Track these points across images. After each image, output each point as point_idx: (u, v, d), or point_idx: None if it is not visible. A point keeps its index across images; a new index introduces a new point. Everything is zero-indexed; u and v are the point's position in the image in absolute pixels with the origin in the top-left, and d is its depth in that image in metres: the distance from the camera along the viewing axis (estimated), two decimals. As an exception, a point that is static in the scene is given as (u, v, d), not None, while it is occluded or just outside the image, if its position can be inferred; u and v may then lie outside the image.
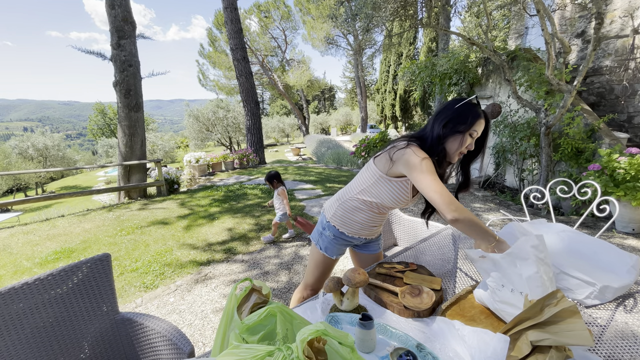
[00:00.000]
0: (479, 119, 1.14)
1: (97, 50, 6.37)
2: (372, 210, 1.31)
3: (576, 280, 1.03)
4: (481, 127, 1.16)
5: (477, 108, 1.15)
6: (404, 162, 1.12)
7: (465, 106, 1.15)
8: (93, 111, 40.33)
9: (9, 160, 16.62)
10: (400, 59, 25.02)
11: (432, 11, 5.87)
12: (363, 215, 1.33)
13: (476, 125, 1.14)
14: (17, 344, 1.07)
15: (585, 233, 1.37)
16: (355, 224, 1.35)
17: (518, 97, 4.77)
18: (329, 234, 1.38)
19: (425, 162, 1.09)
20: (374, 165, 1.26)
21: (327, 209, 1.43)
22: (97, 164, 21.01)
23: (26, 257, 3.51)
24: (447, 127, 1.15)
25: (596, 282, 0.99)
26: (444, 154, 1.18)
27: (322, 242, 1.41)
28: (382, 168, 1.22)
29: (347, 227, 1.36)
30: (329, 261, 1.43)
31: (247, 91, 10.51)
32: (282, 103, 40.26)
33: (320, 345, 0.59)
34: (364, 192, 1.29)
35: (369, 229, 1.38)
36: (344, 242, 1.40)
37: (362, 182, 1.30)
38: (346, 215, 1.34)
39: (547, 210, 4.35)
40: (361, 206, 1.31)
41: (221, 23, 18.29)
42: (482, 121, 1.15)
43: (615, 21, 4.81)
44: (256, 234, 3.92)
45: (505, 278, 0.92)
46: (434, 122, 1.18)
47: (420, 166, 1.08)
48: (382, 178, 1.23)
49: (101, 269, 1.26)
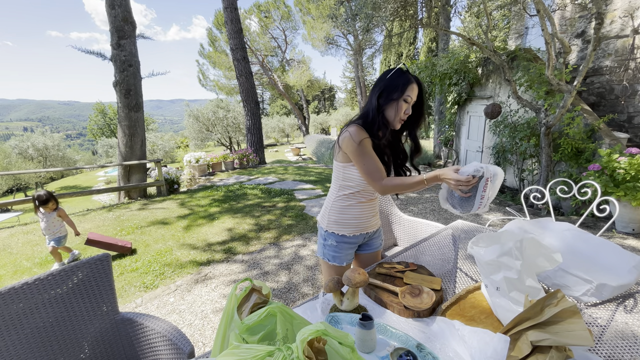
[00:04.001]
0: (410, 84, 1.19)
1: (97, 50, 6.37)
2: (360, 200, 1.35)
3: (574, 278, 1.03)
4: (414, 92, 1.21)
5: (407, 74, 1.20)
6: (345, 149, 1.23)
7: (396, 74, 1.20)
8: (93, 111, 40.31)
9: (9, 160, 16.61)
10: (400, 59, 25.04)
11: (432, 11, 5.87)
12: (355, 210, 1.35)
13: (408, 91, 1.19)
14: (17, 344, 1.07)
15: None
16: (352, 221, 1.36)
17: (518, 97, 4.77)
18: (332, 242, 1.39)
19: (360, 146, 1.18)
20: (336, 162, 1.34)
21: (321, 220, 1.44)
22: (97, 164, 21.00)
23: (26, 257, 3.51)
24: (382, 97, 1.22)
25: (593, 280, 1.00)
26: (385, 123, 1.24)
27: (328, 252, 1.41)
28: (341, 159, 1.30)
29: (347, 228, 1.37)
30: (341, 269, 1.43)
31: (247, 91, 10.51)
32: (282, 103, 40.25)
33: (320, 345, 0.59)
34: (343, 188, 1.34)
35: (367, 221, 1.40)
36: (348, 246, 1.41)
37: (336, 180, 1.36)
38: (340, 217, 1.36)
39: (547, 210, 4.35)
40: (348, 201, 1.35)
41: (221, 23, 18.29)
42: (414, 86, 1.20)
43: (615, 21, 4.81)
44: (256, 234, 3.92)
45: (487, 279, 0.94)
46: (371, 95, 1.25)
47: (356, 151, 1.19)
48: (345, 167, 1.29)
49: (101, 269, 1.26)
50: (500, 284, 0.91)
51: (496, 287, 0.93)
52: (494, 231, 1.54)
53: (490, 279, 0.95)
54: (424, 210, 4.72)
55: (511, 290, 0.89)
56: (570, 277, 1.04)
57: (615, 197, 3.25)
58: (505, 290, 0.90)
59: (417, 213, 4.61)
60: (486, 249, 0.94)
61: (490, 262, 0.92)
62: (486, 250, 0.94)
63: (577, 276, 1.03)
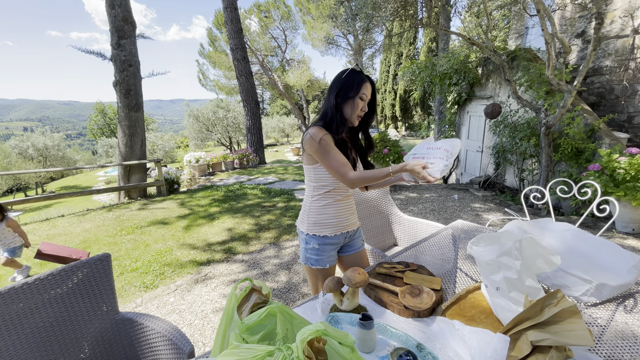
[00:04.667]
0: (364, 83, 1.27)
1: (97, 50, 6.37)
2: (336, 199, 1.38)
3: (574, 278, 1.03)
4: (368, 90, 1.28)
5: (360, 74, 1.28)
6: (309, 150, 1.28)
7: (351, 74, 1.28)
8: (93, 111, 40.29)
9: (9, 160, 16.60)
10: (400, 59, 25.02)
11: (432, 11, 5.86)
12: (332, 208, 1.38)
13: (363, 89, 1.27)
14: (17, 344, 1.07)
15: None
16: (331, 220, 1.38)
17: (518, 97, 4.77)
18: (314, 245, 1.39)
19: (321, 145, 1.23)
20: (305, 165, 1.38)
21: (300, 225, 1.45)
22: (97, 164, 20.99)
23: (26, 257, 3.51)
24: (339, 97, 1.28)
25: (592, 280, 1.00)
26: (343, 120, 1.30)
27: (310, 257, 1.41)
28: (308, 162, 1.35)
29: (327, 229, 1.38)
30: (325, 273, 1.42)
31: (247, 91, 10.51)
32: (282, 103, 40.23)
33: (320, 345, 0.59)
34: (317, 189, 1.37)
35: (346, 219, 1.41)
36: (330, 247, 1.41)
37: (309, 182, 1.40)
38: (319, 218, 1.38)
39: (547, 210, 4.35)
40: (325, 200, 1.37)
41: (221, 23, 18.28)
42: (367, 84, 1.28)
43: (616, 21, 4.81)
44: (256, 234, 3.92)
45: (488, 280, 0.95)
46: (328, 96, 1.31)
47: (318, 150, 1.24)
48: (315, 169, 1.34)
49: (101, 269, 1.26)
50: (500, 284, 0.91)
51: (496, 287, 0.93)
52: (493, 231, 1.54)
53: (490, 279, 0.95)
54: (424, 210, 4.72)
55: (511, 290, 0.89)
56: (570, 277, 1.04)
57: (615, 197, 3.25)
58: (505, 290, 0.90)
59: (417, 213, 4.61)
60: (486, 248, 0.94)
61: (490, 262, 0.92)
62: (485, 250, 0.94)
63: (577, 276, 1.03)
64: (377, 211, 2.31)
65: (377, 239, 2.29)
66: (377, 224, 2.30)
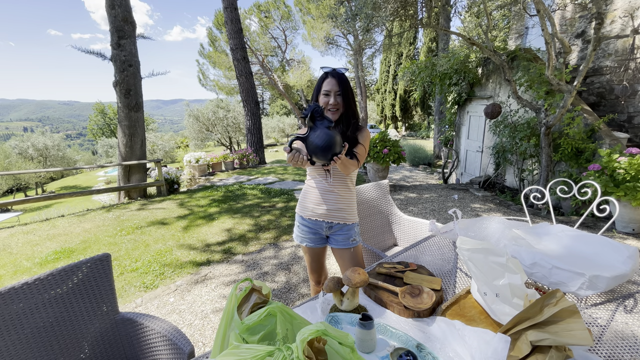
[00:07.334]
0: (326, 79, 1.40)
1: (98, 50, 6.37)
2: (311, 185, 1.53)
3: (568, 273, 1.03)
4: (330, 85, 1.39)
5: (324, 73, 1.41)
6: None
7: (320, 77, 1.43)
8: (93, 111, 40.31)
9: (9, 160, 16.60)
10: (400, 59, 25.03)
11: (432, 11, 5.86)
12: (307, 193, 1.55)
13: (324, 85, 1.40)
14: (17, 344, 1.07)
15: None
16: (305, 204, 1.54)
17: (518, 97, 4.77)
18: (298, 223, 1.60)
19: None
20: None
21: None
22: (97, 164, 20.99)
23: (26, 257, 3.51)
24: (313, 97, 1.46)
25: (585, 272, 0.99)
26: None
27: (295, 232, 1.62)
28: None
29: (303, 211, 1.55)
30: (305, 250, 1.61)
31: (247, 91, 10.50)
32: (282, 103, 40.22)
33: (320, 345, 0.59)
34: (308, 176, 1.57)
35: (316, 206, 1.51)
36: (307, 229, 1.56)
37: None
38: (301, 200, 1.58)
39: (547, 210, 4.35)
40: (305, 186, 1.58)
41: (221, 23, 18.27)
42: (328, 80, 1.39)
43: (616, 21, 4.81)
44: (255, 235, 3.92)
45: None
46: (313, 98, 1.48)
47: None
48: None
49: (101, 269, 1.26)
50: (501, 290, 0.91)
51: (496, 293, 0.93)
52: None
53: (492, 285, 0.94)
54: (424, 211, 4.72)
55: (514, 297, 0.89)
56: (565, 272, 1.04)
57: (615, 197, 3.25)
58: (509, 297, 0.90)
59: (417, 213, 4.61)
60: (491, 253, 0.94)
61: (496, 265, 0.92)
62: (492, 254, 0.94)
63: (571, 271, 1.03)
64: (377, 211, 2.31)
65: (377, 239, 2.29)
66: (377, 224, 2.30)
